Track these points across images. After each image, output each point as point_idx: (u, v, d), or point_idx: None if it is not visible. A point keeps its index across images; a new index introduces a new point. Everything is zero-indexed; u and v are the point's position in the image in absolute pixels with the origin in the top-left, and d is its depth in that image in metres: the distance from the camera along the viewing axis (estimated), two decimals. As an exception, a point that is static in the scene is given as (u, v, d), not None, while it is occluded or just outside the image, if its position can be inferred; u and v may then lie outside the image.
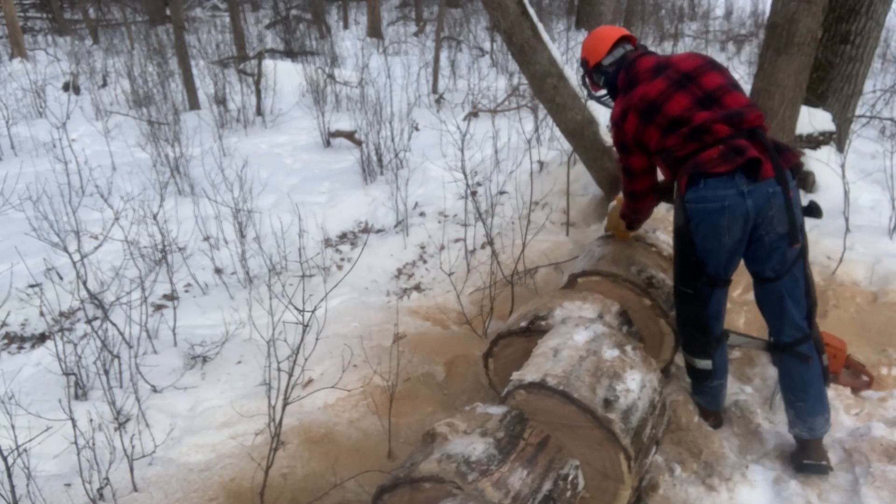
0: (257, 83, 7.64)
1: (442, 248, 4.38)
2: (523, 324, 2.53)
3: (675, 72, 2.37)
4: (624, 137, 2.46)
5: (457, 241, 4.38)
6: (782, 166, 2.17)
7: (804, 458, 2.31)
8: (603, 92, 2.81)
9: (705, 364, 2.44)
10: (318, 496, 2.28)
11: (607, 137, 3.92)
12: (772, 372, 2.84)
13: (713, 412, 2.59)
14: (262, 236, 4.10)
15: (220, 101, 7.55)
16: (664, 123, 2.32)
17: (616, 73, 2.59)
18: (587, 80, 2.86)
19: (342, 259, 4.36)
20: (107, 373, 2.76)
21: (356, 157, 5.68)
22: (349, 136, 6.37)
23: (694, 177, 2.21)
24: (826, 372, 2.37)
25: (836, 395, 2.70)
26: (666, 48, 9.66)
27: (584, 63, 2.80)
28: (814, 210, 2.31)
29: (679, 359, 2.93)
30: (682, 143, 2.27)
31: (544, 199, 4.67)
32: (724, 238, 2.22)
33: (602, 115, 3.99)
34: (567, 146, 4.27)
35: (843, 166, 3.60)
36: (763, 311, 2.40)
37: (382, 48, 11.08)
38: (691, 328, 2.44)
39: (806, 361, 2.29)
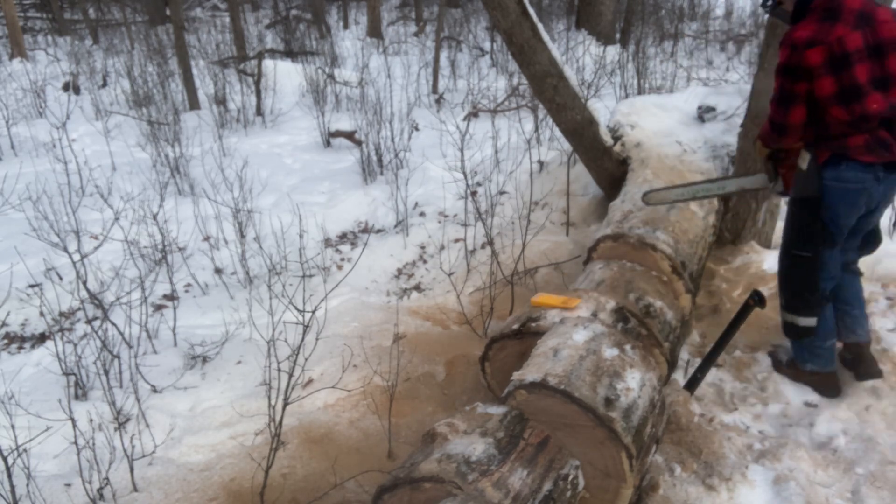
0: (257, 83, 7.64)
1: (442, 248, 4.38)
2: (515, 326, 2.52)
3: (874, 34, 2.32)
4: (798, 62, 2.36)
5: (457, 241, 4.38)
6: None
7: (863, 369, 2.68)
8: (781, 8, 2.62)
9: (809, 321, 2.61)
10: (318, 496, 2.28)
11: (607, 137, 3.92)
12: (766, 372, 2.85)
13: (829, 374, 2.69)
14: (262, 236, 4.09)
15: (220, 101, 7.56)
16: (847, 84, 2.32)
17: None
18: None
19: (342, 259, 4.36)
20: (107, 373, 2.76)
21: (356, 157, 5.68)
22: (349, 136, 6.37)
23: (837, 157, 2.41)
24: None
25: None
26: (666, 48, 9.65)
27: None
28: None
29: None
30: (844, 123, 2.36)
31: (544, 199, 4.67)
32: (854, 213, 2.50)
33: (602, 115, 4.00)
34: (567, 146, 4.26)
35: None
36: None
37: (382, 48, 11.08)
38: (800, 288, 2.62)
39: (858, 276, 2.74)
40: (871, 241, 2.75)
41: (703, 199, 3.23)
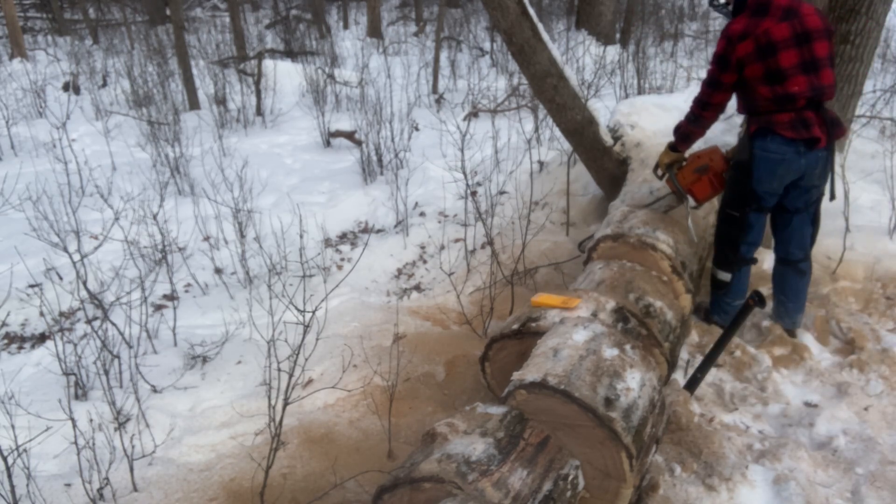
0: (257, 83, 7.64)
1: (442, 248, 4.38)
2: (515, 326, 2.52)
3: (800, 24, 2.63)
4: (730, 54, 2.70)
5: (457, 241, 4.38)
6: (833, 139, 2.70)
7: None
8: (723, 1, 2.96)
9: (725, 276, 3.02)
10: (318, 496, 2.28)
11: (607, 137, 3.91)
12: (766, 372, 2.85)
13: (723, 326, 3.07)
14: (262, 236, 4.10)
15: (220, 101, 7.56)
16: (773, 68, 2.63)
17: None
18: None
19: (342, 259, 4.36)
20: (107, 373, 2.76)
21: (356, 157, 5.68)
22: (349, 136, 6.37)
23: (764, 130, 2.72)
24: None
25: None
26: (666, 48, 9.65)
27: None
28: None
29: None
30: (769, 100, 2.68)
31: (544, 199, 4.67)
32: (776, 181, 2.78)
33: (602, 115, 4.00)
34: (567, 146, 4.26)
35: (842, 166, 3.60)
36: (777, 234, 3.00)
37: (382, 48, 11.08)
38: (726, 245, 2.99)
39: (803, 275, 2.99)
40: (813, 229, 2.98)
41: None
